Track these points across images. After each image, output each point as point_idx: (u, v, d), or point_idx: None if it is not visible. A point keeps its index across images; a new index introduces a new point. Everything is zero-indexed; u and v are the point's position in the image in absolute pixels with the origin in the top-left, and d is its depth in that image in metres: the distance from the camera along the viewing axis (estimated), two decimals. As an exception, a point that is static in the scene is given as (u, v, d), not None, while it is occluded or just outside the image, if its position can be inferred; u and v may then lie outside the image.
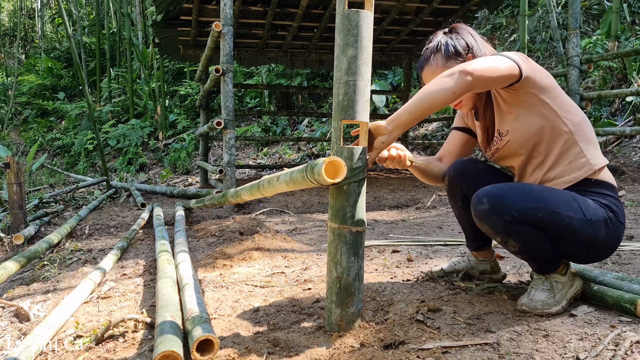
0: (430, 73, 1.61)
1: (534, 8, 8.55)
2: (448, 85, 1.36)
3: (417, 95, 1.40)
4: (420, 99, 1.38)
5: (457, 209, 1.74)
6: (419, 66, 1.66)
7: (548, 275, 1.49)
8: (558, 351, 1.23)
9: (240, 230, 3.15)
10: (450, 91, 1.36)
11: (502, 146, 1.58)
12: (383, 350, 1.27)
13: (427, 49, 1.64)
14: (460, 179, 1.65)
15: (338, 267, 1.40)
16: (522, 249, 1.43)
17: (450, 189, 1.71)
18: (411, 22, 6.57)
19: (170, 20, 6.10)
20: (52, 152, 11.87)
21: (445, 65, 1.58)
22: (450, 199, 1.75)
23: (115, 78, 13.38)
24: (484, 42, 1.62)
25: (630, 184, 4.40)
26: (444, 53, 1.59)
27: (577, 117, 1.50)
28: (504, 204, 1.38)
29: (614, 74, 6.01)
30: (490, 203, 1.39)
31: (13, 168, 3.52)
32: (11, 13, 18.90)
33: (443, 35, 1.63)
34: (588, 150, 1.48)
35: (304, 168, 1.41)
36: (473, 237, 1.77)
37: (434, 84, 1.38)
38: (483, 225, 1.44)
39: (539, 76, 1.47)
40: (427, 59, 1.62)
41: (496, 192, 1.41)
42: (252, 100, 10.93)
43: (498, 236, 1.43)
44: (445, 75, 1.38)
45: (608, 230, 1.44)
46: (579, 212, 1.40)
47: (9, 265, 2.24)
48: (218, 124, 4.19)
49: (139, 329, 1.58)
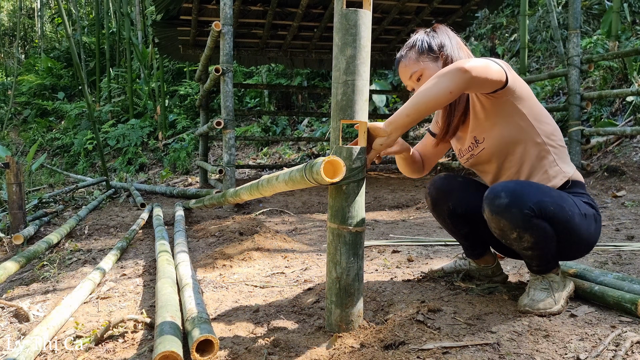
0: (403, 67, 1.62)
1: (534, 8, 8.55)
2: (445, 85, 1.34)
3: (414, 97, 1.39)
4: (418, 100, 1.36)
5: (446, 226, 1.74)
6: (396, 62, 1.67)
7: (546, 275, 1.50)
8: (558, 351, 1.23)
9: (240, 230, 3.15)
10: (447, 91, 1.34)
11: (477, 153, 1.60)
12: (383, 351, 1.26)
13: (405, 45, 1.65)
14: (445, 196, 1.66)
15: (338, 267, 1.40)
16: (536, 245, 1.42)
17: (435, 207, 1.70)
18: (411, 22, 6.56)
19: (170, 19, 6.10)
20: (51, 152, 11.87)
21: (417, 60, 1.59)
22: (437, 217, 1.74)
23: (114, 78, 13.37)
24: (461, 44, 1.63)
25: (631, 184, 4.40)
26: (417, 49, 1.60)
27: (550, 127, 1.54)
28: (523, 197, 1.37)
29: (615, 74, 6.01)
30: (509, 197, 1.37)
31: (12, 168, 3.51)
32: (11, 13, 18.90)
33: (422, 33, 1.65)
34: (560, 159, 1.53)
35: (303, 167, 1.41)
36: (470, 247, 1.77)
37: (431, 84, 1.36)
38: (500, 220, 1.39)
39: (518, 85, 1.49)
40: (403, 55, 1.64)
41: (513, 186, 1.40)
42: (252, 100, 10.92)
43: (514, 231, 1.39)
44: (441, 75, 1.36)
45: (596, 225, 1.51)
46: (575, 207, 1.45)
47: (8, 266, 2.23)
48: (218, 124, 4.19)
49: (139, 329, 1.58)
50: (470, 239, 1.73)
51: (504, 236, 1.44)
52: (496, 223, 1.42)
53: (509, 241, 1.44)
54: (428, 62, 1.58)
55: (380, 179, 6.53)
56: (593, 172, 4.91)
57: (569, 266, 1.76)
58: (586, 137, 4.90)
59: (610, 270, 1.94)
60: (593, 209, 1.51)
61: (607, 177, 4.71)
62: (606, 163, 5.00)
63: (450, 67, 1.36)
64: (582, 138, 4.86)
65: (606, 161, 5.09)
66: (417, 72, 1.59)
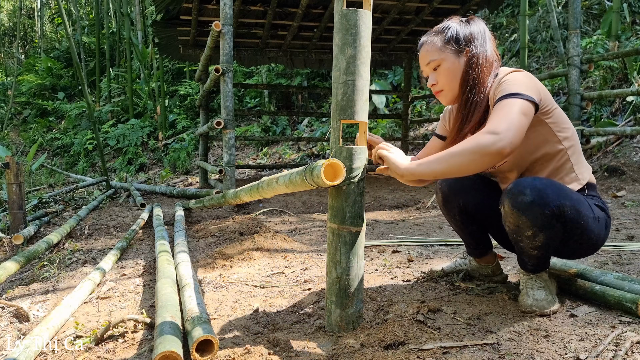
0: (425, 52, 1.55)
1: (534, 8, 8.55)
2: (478, 165, 1.30)
3: (445, 160, 1.32)
4: (445, 168, 1.32)
5: (454, 222, 1.73)
6: (420, 44, 1.59)
7: (539, 274, 1.51)
8: (558, 351, 1.23)
9: (240, 230, 3.15)
10: (476, 169, 1.32)
11: (499, 165, 1.55)
12: (383, 351, 1.26)
13: (435, 28, 1.57)
14: (456, 194, 1.65)
15: (338, 267, 1.40)
16: (545, 245, 1.41)
17: (446, 205, 1.69)
18: (411, 22, 6.56)
19: (170, 19, 6.10)
20: (51, 152, 11.87)
21: (441, 48, 1.51)
22: (446, 213, 1.73)
23: (114, 78, 13.37)
24: (491, 39, 1.56)
25: (631, 184, 4.40)
26: (444, 36, 1.52)
27: (569, 131, 1.51)
28: (547, 197, 1.35)
29: (615, 74, 6.01)
30: (534, 195, 1.34)
31: (12, 168, 3.51)
32: (11, 13, 18.90)
33: (455, 20, 1.56)
34: (577, 162, 1.52)
35: (303, 170, 1.41)
36: (474, 244, 1.76)
37: (467, 159, 1.29)
38: (520, 217, 1.36)
39: (543, 99, 1.45)
40: (428, 39, 1.56)
41: (539, 184, 1.36)
42: (252, 100, 10.93)
43: (531, 230, 1.37)
44: (478, 152, 1.28)
45: (606, 229, 1.50)
46: (590, 210, 1.43)
47: (8, 266, 2.23)
48: (218, 124, 4.19)
49: (139, 329, 1.58)
50: (476, 237, 1.73)
51: (518, 232, 1.41)
52: (515, 219, 1.39)
53: (521, 238, 1.42)
54: (450, 54, 1.51)
55: (380, 179, 6.53)
56: (593, 172, 4.91)
57: (569, 266, 1.76)
58: (586, 137, 4.91)
59: (610, 270, 1.94)
60: (604, 212, 1.50)
61: (607, 177, 4.71)
62: (606, 163, 5.00)
63: (490, 149, 1.26)
64: (582, 138, 4.86)
65: (606, 161, 5.09)
66: (435, 60, 1.52)
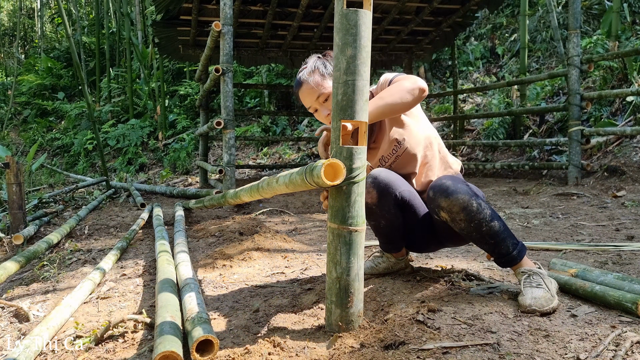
0: (309, 89, 1.70)
1: (534, 8, 8.55)
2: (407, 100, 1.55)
3: (381, 103, 1.53)
4: (383, 108, 1.53)
5: (387, 219, 1.71)
6: (296, 85, 1.76)
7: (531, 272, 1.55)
8: (558, 351, 1.22)
9: (240, 230, 3.15)
10: (408, 106, 1.56)
11: (402, 153, 1.73)
12: (383, 351, 1.26)
13: (304, 70, 1.74)
14: (392, 184, 1.67)
15: (338, 267, 1.40)
16: (492, 216, 1.54)
17: (381, 200, 1.67)
18: (411, 22, 6.56)
19: (170, 19, 6.10)
20: (51, 152, 11.87)
21: (322, 83, 1.69)
22: (379, 211, 1.70)
23: (114, 78, 13.38)
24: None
25: (631, 184, 4.40)
26: (320, 72, 1.70)
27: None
28: (465, 185, 1.59)
29: (615, 74, 6.01)
30: (451, 180, 1.58)
31: (12, 168, 3.51)
32: (11, 13, 18.91)
33: (317, 58, 1.76)
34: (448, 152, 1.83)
35: (303, 170, 1.41)
36: (399, 238, 1.83)
37: (397, 96, 1.54)
38: (457, 198, 1.52)
39: None
40: (305, 79, 1.71)
41: (450, 178, 1.60)
42: (252, 100, 10.93)
43: (472, 201, 1.53)
44: (406, 91, 1.54)
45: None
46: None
47: (8, 266, 2.24)
48: (218, 124, 4.19)
49: (139, 329, 1.58)
50: (402, 231, 1.78)
51: (457, 214, 1.54)
52: (451, 203, 1.54)
53: (468, 216, 1.53)
54: (329, 84, 1.68)
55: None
56: (593, 172, 4.91)
57: (569, 266, 1.76)
58: (586, 137, 4.90)
59: (610, 270, 1.94)
60: None
61: (607, 177, 4.71)
62: (606, 163, 5.00)
63: (414, 85, 1.55)
64: (582, 138, 4.86)
65: (606, 161, 5.09)
66: (324, 94, 1.69)
